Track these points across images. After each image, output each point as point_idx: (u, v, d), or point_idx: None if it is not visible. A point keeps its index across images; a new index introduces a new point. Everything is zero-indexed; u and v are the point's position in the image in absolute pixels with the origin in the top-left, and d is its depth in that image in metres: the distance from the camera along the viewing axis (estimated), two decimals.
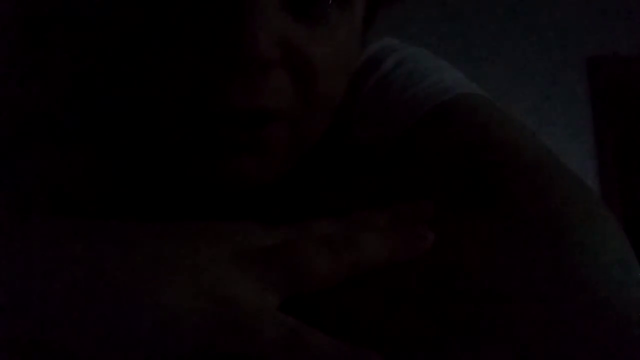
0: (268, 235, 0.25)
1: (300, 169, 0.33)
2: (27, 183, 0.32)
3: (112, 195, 0.33)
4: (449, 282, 0.24)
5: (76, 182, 0.33)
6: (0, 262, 0.21)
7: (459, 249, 0.25)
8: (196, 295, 0.21)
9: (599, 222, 0.25)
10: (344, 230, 0.26)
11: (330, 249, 0.24)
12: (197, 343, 0.21)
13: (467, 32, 2.21)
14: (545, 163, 0.27)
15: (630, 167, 2.31)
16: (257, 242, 0.24)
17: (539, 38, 2.26)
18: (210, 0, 0.26)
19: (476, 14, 2.23)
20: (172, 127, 0.29)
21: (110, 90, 0.30)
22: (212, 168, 0.29)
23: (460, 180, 0.28)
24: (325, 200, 0.33)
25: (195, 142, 0.28)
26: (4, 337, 0.20)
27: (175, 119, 0.28)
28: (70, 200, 0.32)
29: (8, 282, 0.20)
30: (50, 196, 0.32)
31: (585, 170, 2.14)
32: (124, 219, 0.24)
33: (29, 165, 0.32)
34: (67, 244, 0.22)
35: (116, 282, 0.21)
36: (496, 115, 0.31)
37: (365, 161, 0.33)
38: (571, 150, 2.12)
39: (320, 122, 0.32)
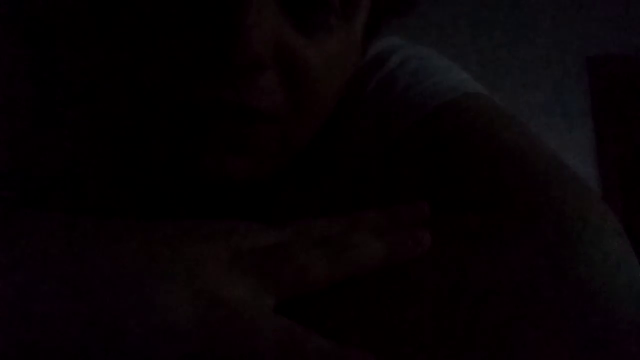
0: (264, 235, 0.25)
1: (301, 167, 0.33)
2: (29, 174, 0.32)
3: (111, 189, 0.33)
4: (446, 284, 0.23)
5: (73, 175, 0.33)
6: None
7: (457, 251, 0.24)
8: (191, 297, 0.21)
9: (600, 223, 0.25)
10: (340, 230, 0.26)
11: (326, 251, 0.24)
12: (191, 345, 0.21)
13: (467, 32, 2.21)
14: (547, 164, 0.27)
15: (631, 167, 2.31)
16: (253, 242, 0.24)
17: (539, 38, 2.26)
18: None
19: (476, 14, 2.23)
20: (163, 119, 0.29)
21: (105, 82, 0.30)
22: (200, 165, 0.29)
23: (461, 181, 0.28)
24: (324, 199, 0.33)
25: (184, 137, 0.28)
26: None
27: (165, 109, 0.28)
28: (68, 191, 0.32)
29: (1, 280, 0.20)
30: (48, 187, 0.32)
31: (585, 171, 2.14)
32: (120, 216, 0.24)
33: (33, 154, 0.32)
34: (58, 242, 0.22)
35: (109, 282, 0.21)
36: (500, 116, 0.31)
37: (367, 159, 0.33)
38: (571, 151, 2.12)
39: (310, 126, 0.32)
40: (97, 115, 0.33)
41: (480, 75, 0.39)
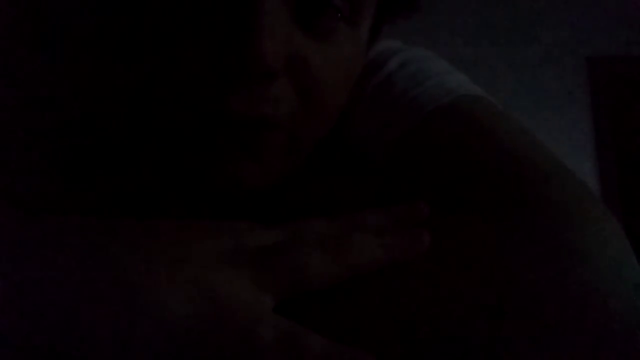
0: (264, 235, 0.25)
1: (300, 169, 0.33)
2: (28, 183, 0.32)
3: (115, 193, 0.34)
4: (446, 284, 0.23)
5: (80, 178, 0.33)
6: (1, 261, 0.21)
7: (456, 252, 0.24)
8: (192, 296, 0.21)
9: (600, 225, 0.25)
10: (340, 230, 0.26)
11: (325, 250, 0.24)
12: (192, 344, 0.21)
13: (467, 32, 2.21)
14: (546, 165, 0.27)
15: (630, 167, 2.31)
16: (252, 242, 0.24)
17: (539, 38, 2.26)
18: (220, 7, 0.26)
19: (475, 15, 2.23)
20: (175, 128, 0.29)
21: (119, 91, 0.30)
22: (209, 172, 0.29)
23: (459, 183, 0.28)
24: (323, 200, 0.33)
25: (195, 145, 0.28)
26: (3, 338, 0.20)
27: (178, 119, 0.28)
28: (72, 196, 0.32)
29: (7, 281, 0.20)
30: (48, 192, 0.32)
31: (585, 170, 2.14)
32: (120, 217, 0.24)
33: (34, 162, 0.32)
34: (63, 243, 0.22)
35: (109, 281, 0.21)
36: (498, 118, 0.31)
37: (366, 162, 0.33)
38: (571, 150, 2.12)
39: (318, 131, 0.32)
40: (111, 119, 0.33)
41: (480, 76, 0.40)
